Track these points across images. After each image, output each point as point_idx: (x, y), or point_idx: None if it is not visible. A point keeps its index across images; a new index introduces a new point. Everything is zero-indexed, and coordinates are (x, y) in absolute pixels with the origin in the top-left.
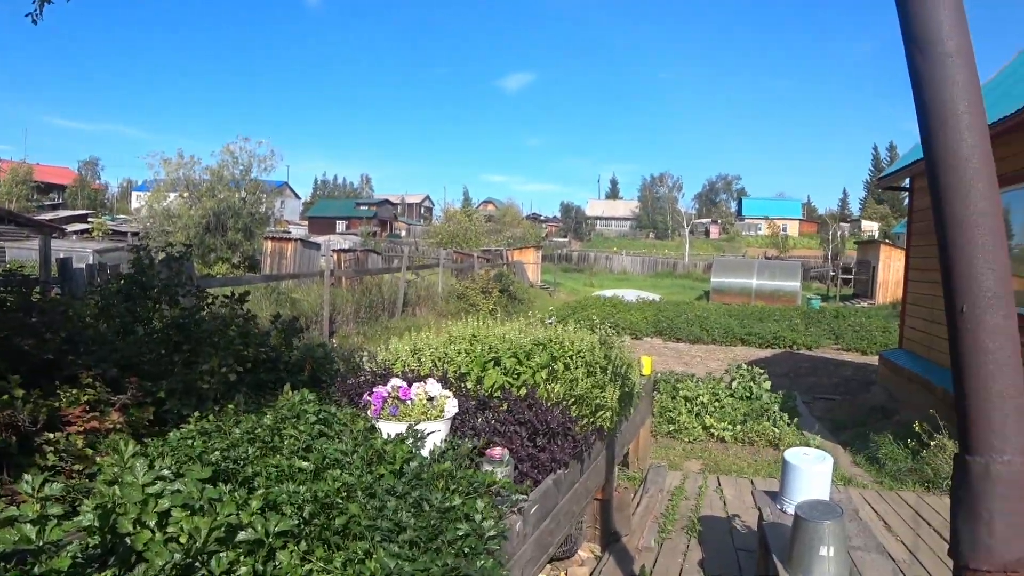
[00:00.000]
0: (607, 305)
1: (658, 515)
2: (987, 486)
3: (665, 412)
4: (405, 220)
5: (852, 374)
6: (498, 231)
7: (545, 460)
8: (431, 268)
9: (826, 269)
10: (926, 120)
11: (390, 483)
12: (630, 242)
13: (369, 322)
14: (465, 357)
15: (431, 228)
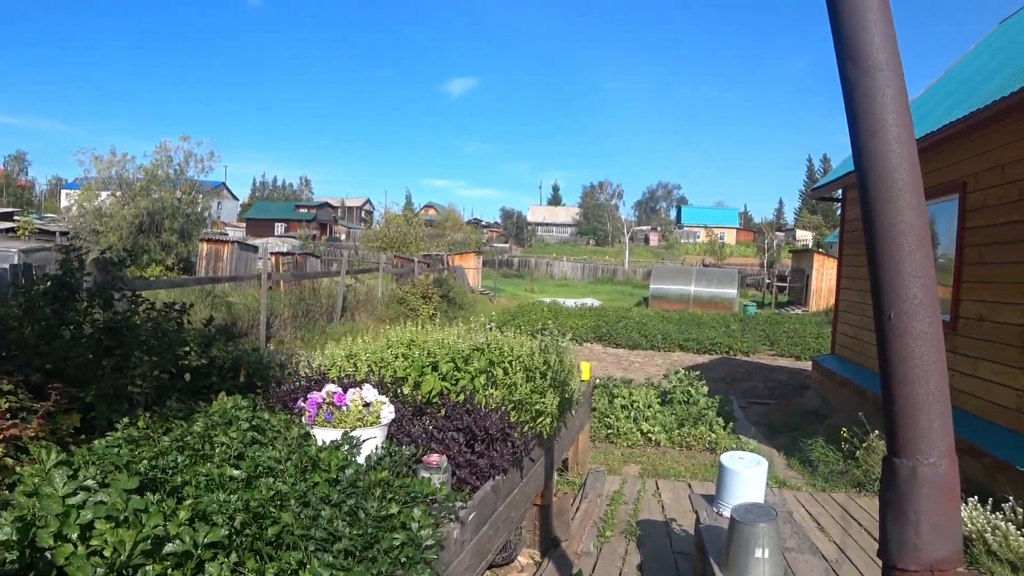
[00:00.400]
0: (548, 311)
1: (597, 520)
2: (914, 488)
3: (604, 417)
4: (345, 224)
5: (787, 379)
6: (439, 236)
7: (484, 466)
8: (371, 272)
9: (762, 277)
10: (856, 131)
11: (325, 491)
12: (571, 248)
13: (307, 327)
14: (403, 362)
15: (372, 232)
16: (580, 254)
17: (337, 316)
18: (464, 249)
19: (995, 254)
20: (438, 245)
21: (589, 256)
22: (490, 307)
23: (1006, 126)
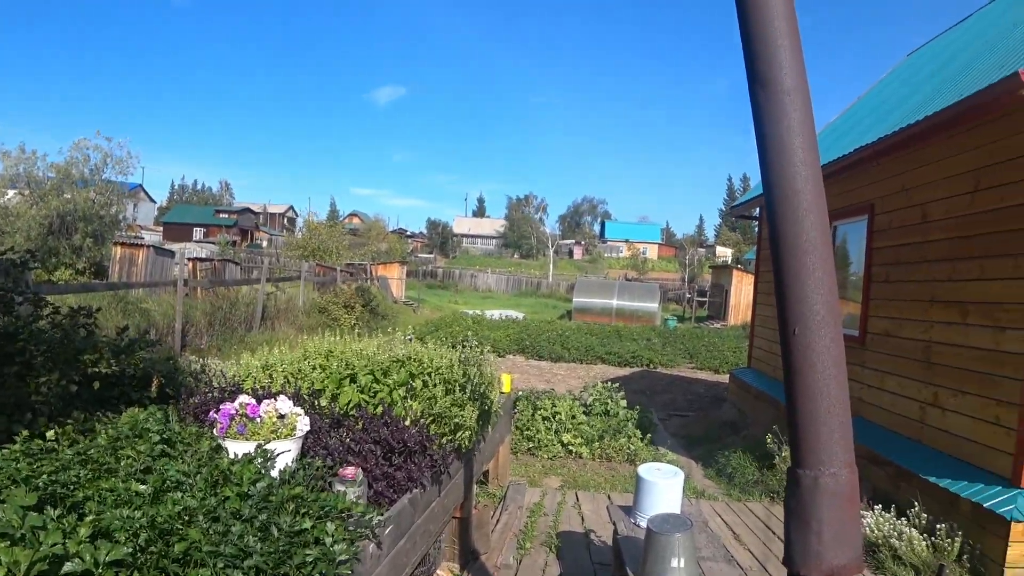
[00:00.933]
0: (471, 322)
1: (517, 532)
2: (816, 497)
3: (525, 429)
4: (267, 230)
5: (705, 391)
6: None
7: (401, 479)
8: (293, 281)
9: (683, 291)
10: (764, 153)
11: (236, 506)
12: (496, 260)
13: (225, 335)
14: (320, 373)
15: (294, 239)
16: (505, 266)
17: (256, 325)
18: (388, 259)
19: (899, 273)
20: (362, 254)
21: (514, 269)
22: (413, 318)
23: (911, 152)
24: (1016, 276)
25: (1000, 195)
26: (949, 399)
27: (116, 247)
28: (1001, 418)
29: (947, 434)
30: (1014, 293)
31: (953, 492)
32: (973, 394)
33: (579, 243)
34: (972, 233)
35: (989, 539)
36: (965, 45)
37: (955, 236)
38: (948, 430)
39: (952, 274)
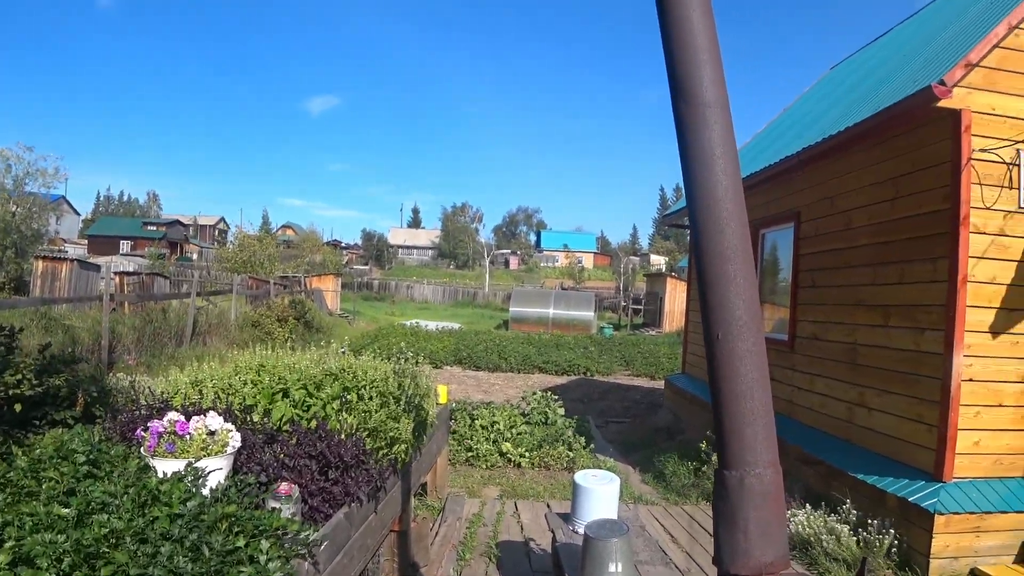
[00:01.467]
0: (408, 334)
1: (456, 543)
2: (742, 497)
3: (463, 440)
4: (197, 243)
5: (641, 398)
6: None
7: (338, 494)
8: (224, 294)
9: (618, 299)
10: (687, 164)
11: (165, 526)
12: (432, 271)
13: (154, 351)
14: (252, 388)
15: (226, 252)
16: (441, 277)
17: (187, 340)
18: (323, 271)
19: (825, 278)
20: (296, 266)
21: (450, 279)
22: (349, 330)
23: (833, 162)
24: (934, 280)
25: (918, 202)
26: (874, 399)
27: (38, 261)
28: (923, 416)
29: (873, 432)
30: (932, 296)
31: (880, 488)
32: (897, 393)
33: (515, 253)
34: (893, 239)
35: (915, 532)
36: (884, 59)
37: (877, 242)
38: (874, 429)
39: (875, 278)
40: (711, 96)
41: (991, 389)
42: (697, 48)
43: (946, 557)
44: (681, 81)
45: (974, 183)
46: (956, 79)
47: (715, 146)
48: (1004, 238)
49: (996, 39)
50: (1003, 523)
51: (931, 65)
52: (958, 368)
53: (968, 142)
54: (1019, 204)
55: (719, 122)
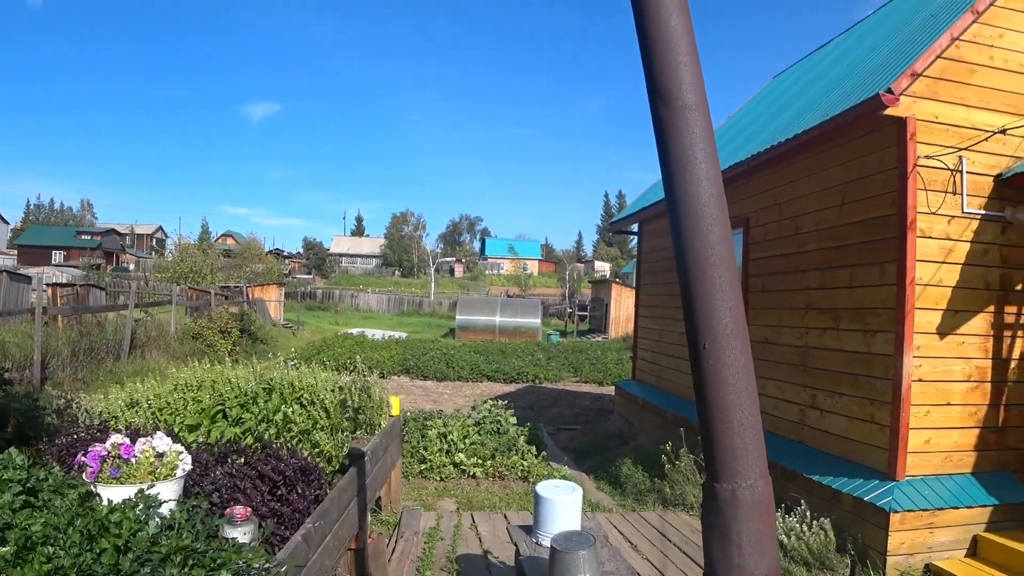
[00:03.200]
0: (354, 344)
1: (415, 559)
2: (734, 510)
3: (416, 451)
4: (134, 252)
5: (591, 404)
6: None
7: (289, 513)
8: (164, 306)
9: (564, 306)
10: (667, 168)
11: (113, 560)
12: (376, 280)
13: (91, 366)
14: (194, 407)
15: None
16: (386, 286)
17: (125, 354)
18: (265, 280)
19: (775, 282)
20: (237, 276)
21: (395, 288)
22: (294, 341)
23: (782, 168)
24: (883, 283)
25: (866, 207)
26: (826, 400)
27: None
28: (875, 416)
29: (826, 434)
30: (882, 299)
31: (835, 488)
32: (848, 395)
33: (460, 260)
34: (842, 243)
35: (871, 530)
36: (828, 68)
37: (826, 247)
38: (827, 430)
39: (824, 282)
40: (691, 98)
41: (939, 388)
42: (676, 50)
43: (902, 554)
44: (660, 83)
45: (920, 189)
46: (903, 88)
47: (696, 150)
48: (949, 242)
49: (940, 50)
50: (954, 519)
51: (877, 74)
52: (908, 369)
53: (914, 149)
54: (962, 209)
55: (699, 124)
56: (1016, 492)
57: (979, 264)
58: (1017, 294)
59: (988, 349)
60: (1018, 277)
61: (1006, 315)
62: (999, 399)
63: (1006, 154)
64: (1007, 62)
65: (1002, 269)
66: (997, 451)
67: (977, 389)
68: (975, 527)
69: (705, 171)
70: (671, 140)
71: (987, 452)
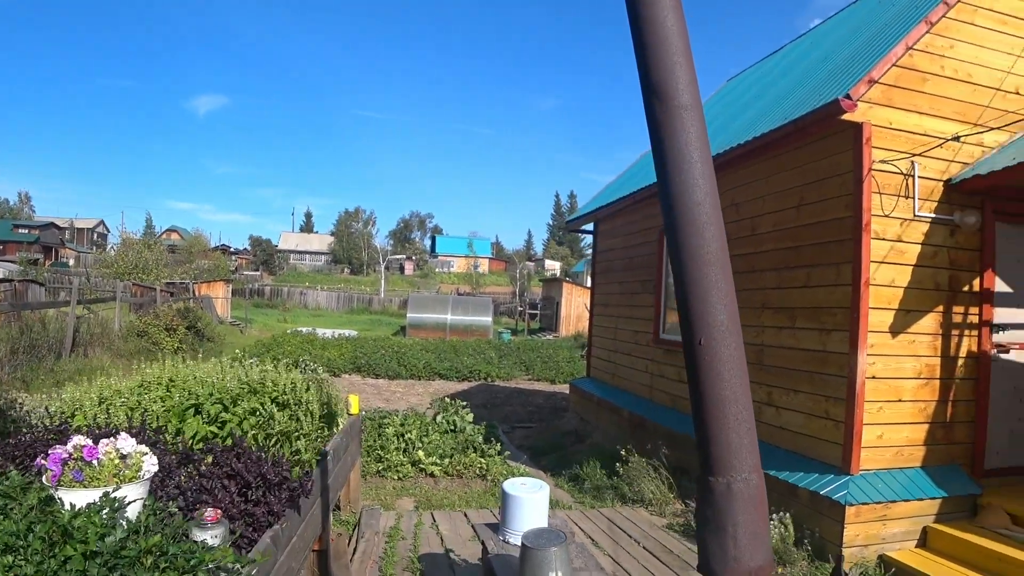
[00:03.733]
0: (304, 342)
1: (377, 559)
2: (730, 503)
3: (373, 450)
4: (75, 247)
5: (544, 402)
6: (184, 263)
7: (261, 515)
8: (107, 302)
9: (515, 304)
10: (663, 167)
11: (80, 567)
12: (325, 277)
13: (31, 365)
14: (161, 405)
15: (107, 257)
16: (335, 283)
17: (67, 352)
18: (212, 277)
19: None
20: (183, 272)
21: (344, 285)
22: (241, 339)
23: (739, 170)
24: (838, 283)
25: (822, 210)
26: (782, 397)
27: None
28: (830, 412)
29: (783, 430)
30: (837, 299)
31: (792, 483)
32: (804, 392)
33: (410, 258)
34: (798, 244)
35: (827, 523)
36: (783, 73)
37: (782, 247)
38: (784, 427)
39: (780, 282)
40: (687, 99)
41: (891, 385)
42: (672, 51)
43: (857, 545)
44: (656, 83)
45: (874, 192)
46: (860, 94)
47: (692, 149)
48: (902, 244)
49: (895, 58)
50: (906, 511)
51: (834, 80)
52: (863, 366)
53: (869, 153)
54: (914, 212)
55: (695, 125)
56: (963, 485)
57: (929, 265)
58: (964, 295)
59: (937, 347)
60: (965, 278)
61: (954, 315)
62: (947, 395)
63: (955, 160)
64: (957, 72)
65: (951, 271)
66: (945, 445)
67: (927, 386)
68: (925, 519)
69: (700, 170)
70: (667, 140)
71: (936, 447)
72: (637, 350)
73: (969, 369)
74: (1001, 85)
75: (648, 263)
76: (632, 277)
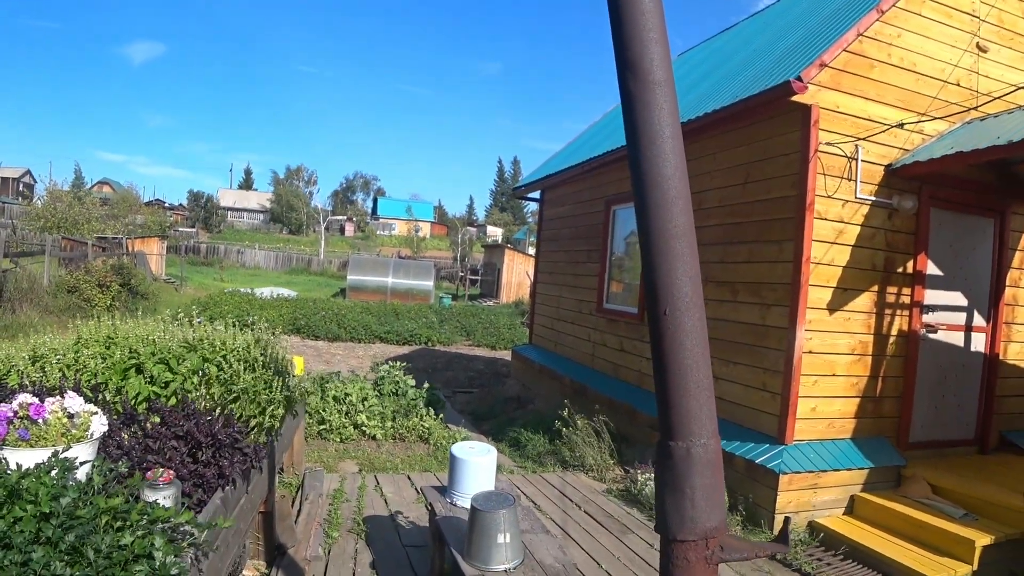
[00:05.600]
0: (242, 301)
1: (321, 521)
2: (688, 467)
3: (316, 412)
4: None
5: (484, 368)
6: (116, 217)
7: (211, 476)
8: (35, 256)
9: (456, 270)
10: (635, 141)
11: (31, 528)
12: (264, 236)
13: None
14: (101, 363)
15: (34, 209)
16: (274, 242)
17: None
18: (146, 233)
19: None
20: (115, 227)
21: (283, 245)
22: (177, 297)
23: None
24: (780, 260)
25: (767, 188)
26: (722, 369)
27: None
28: (767, 384)
29: (721, 400)
30: (777, 274)
31: (728, 451)
32: (744, 364)
33: (351, 219)
34: (742, 220)
35: (761, 490)
36: (734, 51)
37: (727, 223)
38: (723, 397)
39: (724, 257)
40: (660, 75)
41: (826, 360)
42: (648, 27)
43: (788, 512)
44: (631, 59)
45: (819, 173)
46: (811, 77)
47: (664, 125)
48: (841, 224)
49: (846, 44)
50: (835, 480)
51: (785, 61)
52: (800, 341)
53: (816, 135)
54: (855, 195)
55: (668, 101)
56: (888, 456)
57: (867, 247)
58: (898, 276)
59: (871, 325)
60: (900, 260)
61: (888, 295)
62: (878, 371)
63: (896, 146)
64: (902, 60)
65: (887, 252)
66: (874, 419)
67: (859, 362)
68: (853, 487)
69: (672, 146)
70: (641, 115)
71: (865, 419)
72: (580, 319)
73: (899, 347)
74: (943, 76)
75: (594, 233)
76: (578, 246)
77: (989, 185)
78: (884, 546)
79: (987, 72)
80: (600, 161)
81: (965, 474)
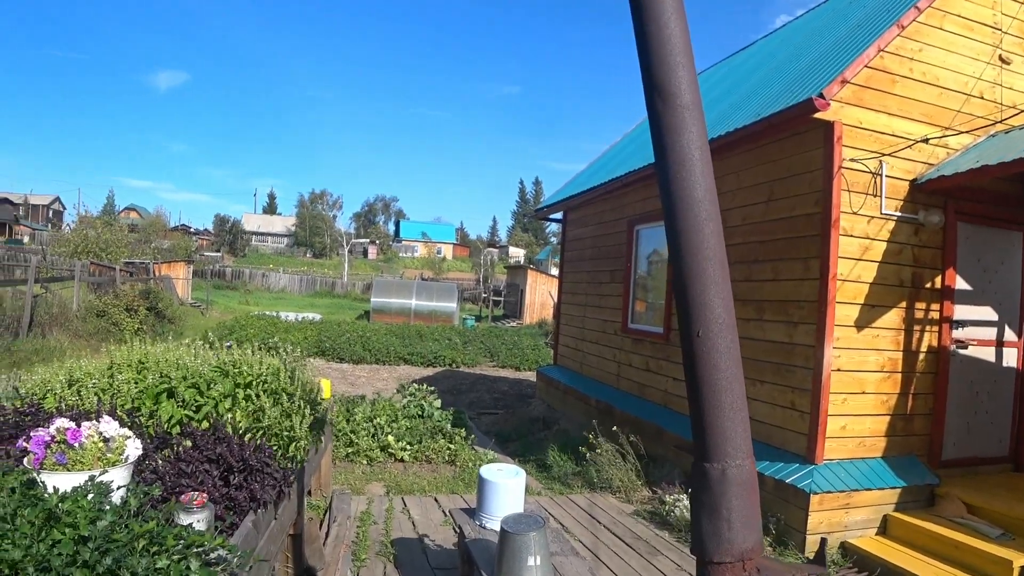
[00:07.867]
0: (266, 324)
1: (350, 543)
2: (725, 488)
3: (343, 435)
4: (29, 224)
5: (509, 389)
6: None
7: (243, 500)
8: (64, 281)
9: (479, 291)
10: (665, 164)
11: (70, 551)
12: (288, 259)
13: None
14: (134, 388)
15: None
16: (298, 266)
17: (24, 331)
18: (172, 257)
19: None
20: (143, 252)
21: (307, 268)
22: (203, 321)
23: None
24: (806, 277)
25: (791, 205)
26: (749, 388)
27: None
28: (796, 403)
29: (749, 420)
30: (804, 292)
31: (758, 472)
32: (771, 383)
33: (374, 242)
34: (767, 239)
35: (791, 510)
36: (753, 69)
37: (751, 241)
38: (750, 416)
39: (749, 275)
40: (688, 98)
41: (855, 378)
42: (675, 51)
43: (820, 532)
44: (660, 83)
45: (843, 190)
46: (833, 93)
47: (694, 148)
48: (867, 240)
49: (867, 59)
50: (867, 500)
51: (806, 79)
52: (828, 359)
53: (840, 152)
54: (881, 210)
55: (696, 124)
56: (921, 475)
57: (894, 262)
58: (926, 291)
59: (900, 342)
60: (928, 276)
61: (916, 311)
62: (908, 388)
63: (921, 160)
64: (925, 75)
65: (914, 268)
66: (904, 437)
67: (889, 379)
68: (886, 507)
69: (701, 169)
70: (670, 138)
71: (896, 438)
72: (605, 339)
73: (929, 364)
74: (967, 89)
75: (617, 253)
76: (601, 267)
77: (1016, 198)
78: (919, 567)
79: (1011, 84)
80: (622, 182)
81: (1000, 492)
